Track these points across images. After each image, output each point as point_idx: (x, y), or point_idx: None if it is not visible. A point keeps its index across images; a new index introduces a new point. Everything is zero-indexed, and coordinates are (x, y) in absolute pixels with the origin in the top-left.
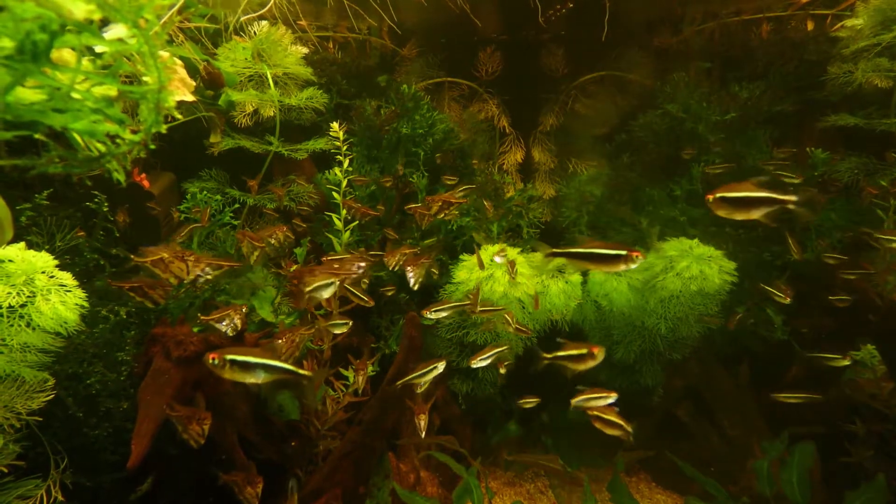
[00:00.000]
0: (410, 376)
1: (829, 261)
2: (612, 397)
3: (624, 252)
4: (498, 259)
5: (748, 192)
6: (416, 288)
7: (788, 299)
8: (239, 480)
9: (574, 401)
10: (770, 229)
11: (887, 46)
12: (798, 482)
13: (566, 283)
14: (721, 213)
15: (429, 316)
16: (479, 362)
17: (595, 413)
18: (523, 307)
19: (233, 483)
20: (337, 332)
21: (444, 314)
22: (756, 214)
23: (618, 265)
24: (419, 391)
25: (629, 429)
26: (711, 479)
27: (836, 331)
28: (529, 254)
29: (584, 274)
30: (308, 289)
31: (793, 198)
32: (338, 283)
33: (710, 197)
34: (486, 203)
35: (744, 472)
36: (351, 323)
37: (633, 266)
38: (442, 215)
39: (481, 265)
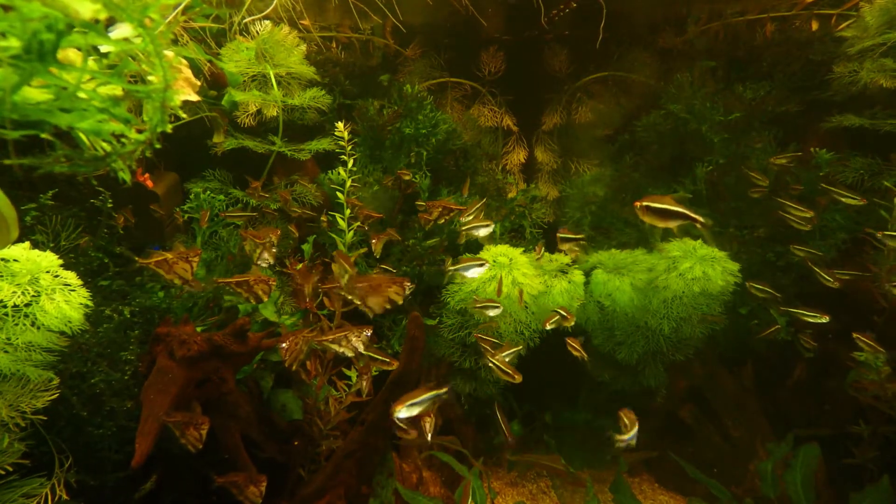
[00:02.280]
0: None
1: (798, 253)
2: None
3: None
4: (562, 272)
5: (668, 206)
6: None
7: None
8: (240, 481)
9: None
10: (773, 230)
11: (893, 46)
12: (802, 484)
13: (569, 283)
14: (646, 219)
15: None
16: (404, 411)
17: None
18: (526, 307)
19: (231, 485)
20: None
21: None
22: (672, 224)
23: None
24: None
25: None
26: (715, 481)
27: (840, 332)
28: (532, 253)
29: (587, 274)
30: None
31: (700, 218)
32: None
33: (638, 204)
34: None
35: (747, 473)
36: (392, 361)
37: None
38: (442, 221)
39: (499, 291)
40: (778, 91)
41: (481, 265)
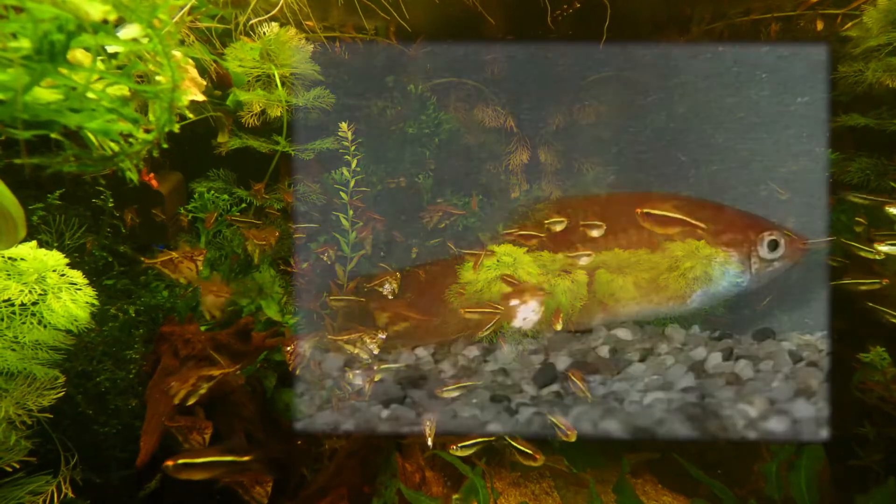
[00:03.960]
0: None
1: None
2: None
3: None
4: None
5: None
6: None
7: None
8: (245, 481)
9: None
10: None
11: None
12: (807, 486)
13: (572, 282)
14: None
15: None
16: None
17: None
18: None
19: (236, 485)
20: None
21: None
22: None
23: None
24: None
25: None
26: (718, 482)
27: (847, 332)
28: (535, 252)
29: (590, 274)
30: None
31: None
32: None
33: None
34: None
35: (751, 474)
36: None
37: None
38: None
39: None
40: None
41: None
